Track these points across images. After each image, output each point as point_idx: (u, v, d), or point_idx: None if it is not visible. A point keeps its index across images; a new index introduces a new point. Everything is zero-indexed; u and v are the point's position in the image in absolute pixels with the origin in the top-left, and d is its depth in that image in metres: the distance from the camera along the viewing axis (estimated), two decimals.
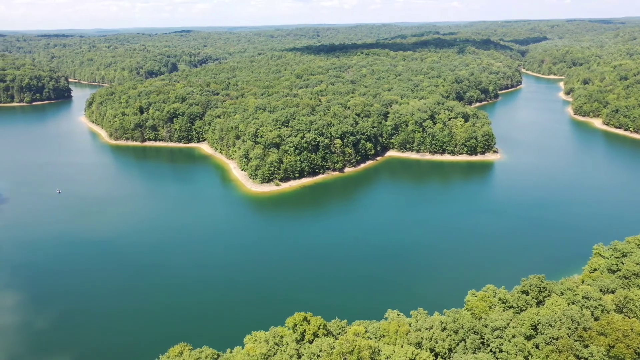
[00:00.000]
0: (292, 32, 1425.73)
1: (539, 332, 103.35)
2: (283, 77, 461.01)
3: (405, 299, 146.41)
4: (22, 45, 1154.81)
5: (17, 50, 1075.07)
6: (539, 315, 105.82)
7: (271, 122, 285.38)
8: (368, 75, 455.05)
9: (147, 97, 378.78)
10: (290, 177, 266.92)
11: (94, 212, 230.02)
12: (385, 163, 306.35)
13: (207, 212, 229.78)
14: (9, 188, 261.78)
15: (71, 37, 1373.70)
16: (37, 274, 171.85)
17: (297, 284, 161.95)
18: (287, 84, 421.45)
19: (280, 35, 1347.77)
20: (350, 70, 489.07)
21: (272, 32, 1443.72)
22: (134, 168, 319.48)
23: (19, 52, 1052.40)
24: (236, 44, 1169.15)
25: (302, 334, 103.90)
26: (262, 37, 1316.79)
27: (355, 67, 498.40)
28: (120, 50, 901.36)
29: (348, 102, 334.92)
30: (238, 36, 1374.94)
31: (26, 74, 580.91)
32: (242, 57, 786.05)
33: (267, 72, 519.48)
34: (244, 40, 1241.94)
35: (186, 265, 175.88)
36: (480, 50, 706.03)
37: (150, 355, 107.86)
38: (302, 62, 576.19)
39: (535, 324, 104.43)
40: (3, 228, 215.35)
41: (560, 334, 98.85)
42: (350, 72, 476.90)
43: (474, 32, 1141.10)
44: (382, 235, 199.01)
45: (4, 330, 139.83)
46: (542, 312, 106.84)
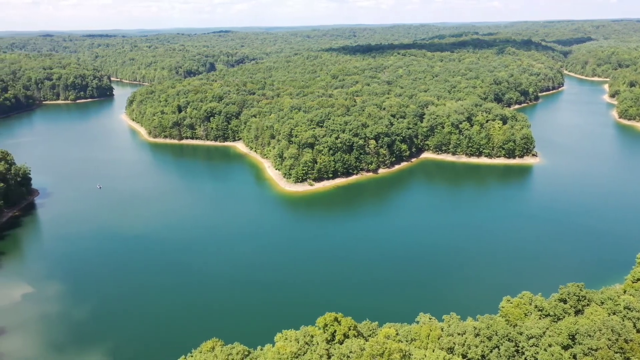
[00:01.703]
0: (328, 32, 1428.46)
1: (576, 342, 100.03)
2: (319, 78, 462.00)
3: (438, 303, 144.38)
4: (68, 45, 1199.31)
5: (63, 50, 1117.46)
6: (577, 325, 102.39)
7: (306, 122, 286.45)
8: (404, 75, 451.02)
9: (185, 96, 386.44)
10: (324, 177, 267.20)
11: (132, 207, 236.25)
12: (420, 165, 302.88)
13: (241, 211, 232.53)
14: (53, 183, 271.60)
15: (114, 37, 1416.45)
16: (77, 266, 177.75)
17: (329, 284, 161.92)
18: (322, 84, 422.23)
19: (317, 36, 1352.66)
20: (386, 70, 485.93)
21: (308, 33, 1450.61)
22: (171, 165, 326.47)
23: (65, 51, 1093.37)
24: (273, 44, 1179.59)
25: (332, 335, 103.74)
26: (299, 38, 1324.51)
27: (391, 67, 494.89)
28: (160, 50, 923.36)
29: (383, 102, 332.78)
30: (275, 36, 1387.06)
31: (71, 73, 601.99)
32: (279, 57, 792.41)
33: (302, 72, 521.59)
34: (281, 41, 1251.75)
35: (219, 262, 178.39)
36: (521, 51, 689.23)
37: (183, 349, 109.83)
38: (338, 62, 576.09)
39: (573, 333, 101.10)
40: (47, 222, 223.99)
41: (599, 345, 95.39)
42: (386, 73, 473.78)
43: (515, 33, 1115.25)
44: (415, 238, 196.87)
45: (47, 319, 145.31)
46: (581, 322, 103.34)
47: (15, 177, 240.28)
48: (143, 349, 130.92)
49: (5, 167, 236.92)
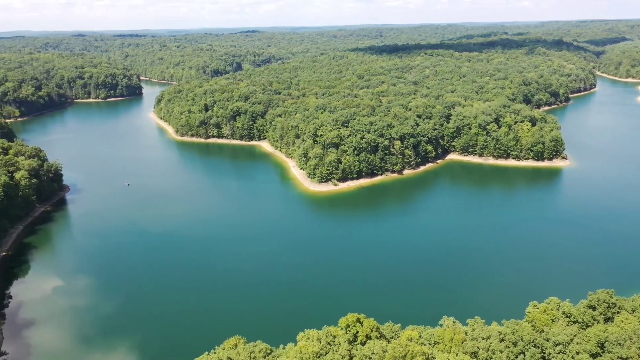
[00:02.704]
0: (354, 32, 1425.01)
1: (605, 350, 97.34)
2: (344, 78, 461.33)
3: (462, 306, 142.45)
4: (100, 44, 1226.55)
5: (94, 50, 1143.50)
6: (606, 333, 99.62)
7: (331, 122, 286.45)
8: (431, 76, 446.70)
9: (212, 96, 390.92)
10: (348, 178, 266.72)
11: (158, 205, 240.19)
12: (446, 166, 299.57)
13: (265, 209, 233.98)
14: (84, 179, 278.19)
15: (144, 37, 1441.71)
16: (105, 261, 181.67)
17: (351, 285, 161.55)
18: (348, 84, 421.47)
19: (343, 36, 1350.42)
20: (412, 71, 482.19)
21: (334, 33, 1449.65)
22: (198, 164, 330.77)
23: (97, 51, 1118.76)
24: (299, 44, 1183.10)
25: (354, 335, 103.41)
26: (325, 38, 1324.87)
27: (418, 67, 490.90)
28: (189, 49, 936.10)
29: (409, 103, 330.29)
30: (301, 36, 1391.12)
31: (102, 72, 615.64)
32: (305, 57, 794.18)
33: (328, 72, 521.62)
34: (307, 41, 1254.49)
35: (243, 261, 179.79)
36: (551, 52, 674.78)
37: (207, 345, 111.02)
38: (364, 62, 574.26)
39: (602, 341, 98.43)
40: (78, 217, 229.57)
41: (629, 354, 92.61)
42: (412, 73, 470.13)
43: (545, 33, 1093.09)
44: (439, 240, 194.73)
45: (75, 311, 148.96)
46: (611, 330, 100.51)
47: (47, 173, 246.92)
48: (168, 344, 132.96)
49: (38, 163, 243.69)
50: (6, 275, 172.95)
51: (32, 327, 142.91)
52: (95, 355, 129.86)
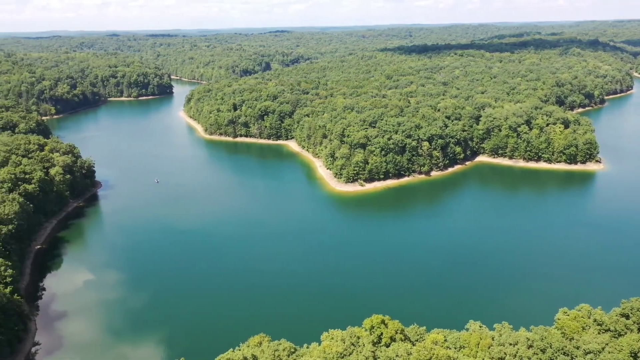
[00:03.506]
0: (384, 32, 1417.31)
1: None
2: (373, 78, 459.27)
3: (489, 311, 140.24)
4: (133, 44, 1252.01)
5: (127, 49, 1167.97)
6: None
7: (358, 122, 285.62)
8: (461, 76, 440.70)
9: (241, 95, 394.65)
10: (375, 178, 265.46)
11: (187, 202, 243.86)
12: (475, 168, 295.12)
13: (291, 209, 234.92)
14: (115, 176, 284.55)
15: (175, 37, 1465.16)
16: (134, 257, 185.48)
17: (376, 286, 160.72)
18: (376, 84, 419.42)
19: (372, 36, 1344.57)
20: (442, 71, 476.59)
21: (363, 32, 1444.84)
22: (225, 162, 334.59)
23: (130, 50, 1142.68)
24: (328, 44, 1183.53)
25: (379, 337, 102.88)
26: (354, 38, 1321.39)
27: (447, 68, 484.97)
28: (219, 49, 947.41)
29: (438, 104, 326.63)
30: (330, 36, 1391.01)
31: (134, 71, 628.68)
32: (333, 57, 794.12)
33: (357, 72, 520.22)
34: (336, 41, 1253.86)
35: (269, 259, 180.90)
36: (587, 52, 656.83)
37: (231, 342, 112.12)
38: (393, 62, 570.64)
39: (635, 351, 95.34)
40: (109, 213, 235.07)
41: None
42: (442, 74, 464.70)
43: (580, 32, 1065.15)
44: (467, 243, 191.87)
45: (105, 305, 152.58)
46: None
47: (80, 169, 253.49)
48: (193, 340, 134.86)
49: (72, 160, 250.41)
50: (40, 268, 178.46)
51: (64, 318, 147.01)
52: (124, 348, 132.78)
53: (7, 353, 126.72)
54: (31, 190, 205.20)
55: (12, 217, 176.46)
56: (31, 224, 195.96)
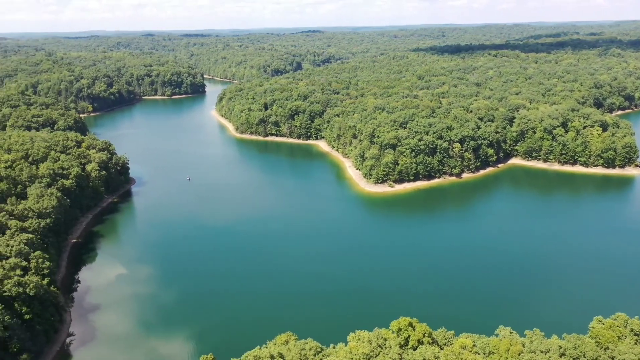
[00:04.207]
0: (416, 32, 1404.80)
1: None
2: (404, 78, 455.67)
3: (520, 317, 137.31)
4: (167, 44, 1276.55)
5: (162, 49, 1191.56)
6: None
7: (389, 122, 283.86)
8: (494, 77, 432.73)
9: (272, 95, 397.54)
10: (405, 179, 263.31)
11: (217, 199, 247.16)
12: (508, 171, 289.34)
13: (320, 208, 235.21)
14: (148, 173, 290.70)
15: (208, 37, 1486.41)
16: (165, 252, 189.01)
17: (404, 288, 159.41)
18: (407, 84, 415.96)
19: (404, 36, 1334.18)
20: (475, 72, 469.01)
21: (395, 32, 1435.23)
22: (256, 161, 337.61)
23: (164, 50, 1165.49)
24: (359, 44, 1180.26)
25: (406, 339, 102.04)
26: (386, 38, 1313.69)
27: (481, 68, 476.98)
28: (250, 49, 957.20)
29: (471, 105, 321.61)
30: (361, 36, 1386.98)
31: (168, 70, 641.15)
32: (364, 57, 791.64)
33: (388, 73, 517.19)
34: (367, 41, 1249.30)
35: (297, 258, 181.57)
36: (627, 52, 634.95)
37: (259, 339, 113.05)
38: (425, 62, 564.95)
39: None
40: (142, 209, 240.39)
41: None
42: (475, 74, 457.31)
43: (621, 32, 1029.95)
44: (499, 247, 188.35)
45: (137, 299, 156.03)
46: None
47: (115, 166, 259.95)
48: (222, 336, 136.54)
49: (108, 156, 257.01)
50: (76, 261, 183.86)
51: (97, 311, 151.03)
52: (155, 341, 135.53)
53: (43, 342, 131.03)
54: (68, 186, 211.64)
55: (50, 211, 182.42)
56: (68, 218, 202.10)
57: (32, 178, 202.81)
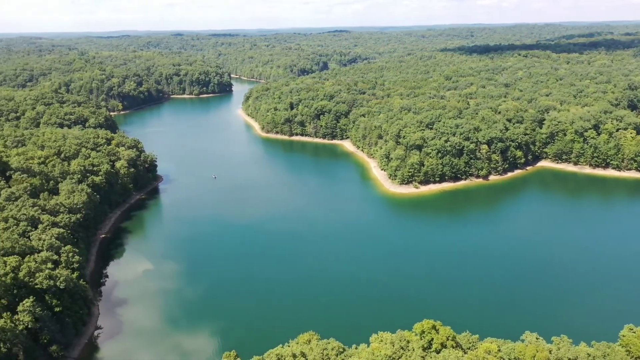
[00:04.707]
0: (444, 32, 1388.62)
1: None
2: (431, 78, 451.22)
3: (547, 322, 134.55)
4: (196, 43, 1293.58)
5: (191, 48, 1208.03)
6: None
7: (415, 123, 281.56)
8: (524, 78, 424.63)
9: (298, 94, 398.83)
10: (430, 181, 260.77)
11: (242, 197, 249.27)
12: (536, 174, 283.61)
13: (344, 208, 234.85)
14: (175, 170, 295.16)
15: (236, 37, 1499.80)
16: (191, 249, 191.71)
17: (428, 291, 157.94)
18: (434, 85, 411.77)
19: (432, 36, 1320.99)
20: (504, 72, 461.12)
21: (423, 33, 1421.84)
22: (281, 160, 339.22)
23: (193, 49, 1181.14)
24: (386, 44, 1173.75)
25: (429, 342, 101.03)
26: (413, 37, 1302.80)
27: (510, 69, 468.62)
28: (277, 49, 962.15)
29: (499, 106, 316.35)
30: (388, 36, 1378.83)
31: (196, 70, 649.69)
32: (391, 57, 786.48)
33: (415, 73, 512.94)
34: (394, 41, 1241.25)
35: (320, 258, 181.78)
36: None
37: (281, 338, 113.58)
38: (452, 63, 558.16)
39: None
40: (169, 206, 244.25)
41: None
42: (504, 75, 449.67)
43: None
44: (525, 251, 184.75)
45: (163, 294, 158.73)
46: None
47: (143, 163, 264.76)
48: (244, 333, 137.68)
49: (136, 154, 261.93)
50: (104, 256, 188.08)
51: (124, 305, 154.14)
52: (180, 336, 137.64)
53: (72, 334, 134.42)
54: (98, 182, 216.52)
55: (80, 207, 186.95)
56: (97, 214, 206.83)
57: (64, 174, 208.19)
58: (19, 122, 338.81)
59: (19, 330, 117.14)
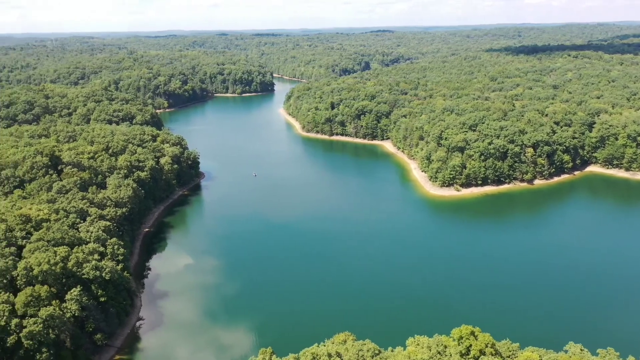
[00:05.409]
0: (490, 32, 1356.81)
1: None
2: (475, 79, 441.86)
3: (592, 334, 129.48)
4: (239, 43, 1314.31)
5: (235, 48, 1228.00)
6: None
7: (458, 124, 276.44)
8: (574, 80, 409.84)
9: (339, 94, 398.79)
10: (472, 184, 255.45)
11: (281, 196, 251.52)
12: (585, 179, 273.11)
13: (383, 209, 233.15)
14: (217, 167, 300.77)
15: (279, 36, 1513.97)
16: (230, 245, 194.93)
17: (467, 296, 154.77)
18: (479, 86, 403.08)
19: (477, 36, 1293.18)
20: (552, 73, 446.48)
21: (468, 32, 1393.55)
22: (321, 159, 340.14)
23: (236, 49, 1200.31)
24: (430, 44, 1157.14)
25: (467, 349, 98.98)
26: (458, 38, 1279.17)
27: (559, 70, 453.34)
28: (319, 49, 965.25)
29: (546, 108, 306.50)
30: (432, 36, 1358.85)
31: (240, 69, 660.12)
32: (435, 57, 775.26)
33: (458, 73, 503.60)
34: (438, 40, 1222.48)
35: (358, 258, 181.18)
36: None
37: (317, 337, 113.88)
38: (498, 63, 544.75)
39: None
40: (210, 202, 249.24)
41: None
42: (552, 76, 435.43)
43: None
44: (570, 259, 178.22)
45: (204, 289, 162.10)
46: None
47: (187, 160, 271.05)
48: (281, 330, 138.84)
49: (180, 151, 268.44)
50: (147, 250, 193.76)
51: (165, 298, 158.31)
52: (218, 330, 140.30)
53: (116, 324, 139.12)
54: (143, 177, 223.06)
55: (126, 201, 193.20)
56: (142, 208, 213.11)
57: (112, 169, 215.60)
58: (71, 118, 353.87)
59: (66, 317, 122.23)
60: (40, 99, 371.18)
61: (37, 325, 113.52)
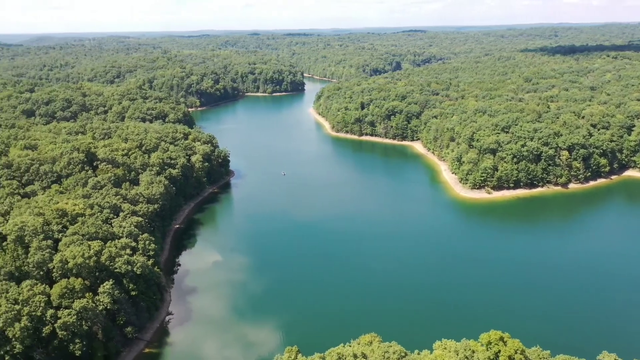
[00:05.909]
0: (525, 32, 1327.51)
1: None
2: (509, 80, 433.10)
3: (626, 343, 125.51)
4: (271, 43, 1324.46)
5: (266, 48, 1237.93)
6: None
7: (490, 126, 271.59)
8: (613, 81, 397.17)
9: (369, 94, 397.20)
10: (504, 187, 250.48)
11: (310, 196, 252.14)
12: (622, 184, 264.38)
13: (412, 211, 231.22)
14: (247, 166, 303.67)
15: (310, 36, 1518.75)
16: (258, 243, 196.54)
17: (496, 301, 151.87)
18: (512, 87, 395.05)
19: (512, 36, 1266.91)
20: (590, 74, 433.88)
21: (502, 32, 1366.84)
22: (350, 159, 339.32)
23: (268, 49, 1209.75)
24: (462, 44, 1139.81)
25: (496, 354, 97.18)
26: (492, 37, 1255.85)
27: (597, 71, 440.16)
28: (350, 48, 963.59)
29: (583, 110, 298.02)
30: (465, 36, 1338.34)
31: (270, 69, 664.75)
32: (467, 57, 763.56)
33: (491, 74, 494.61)
34: (471, 40, 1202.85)
35: (386, 259, 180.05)
36: None
37: (343, 337, 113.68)
38: (533, 64, 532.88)
39: None
40: (239, 200, 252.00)
41: None
42: (590, 77, 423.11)
43: None
44: (604, 265, 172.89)
45: (232, 286, 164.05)
46: None
47: (217, 158, 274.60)
48: (307, 329, 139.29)
49: (211, 149, 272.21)
50: (178, 246, 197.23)
51: (194, 293, 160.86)
52: (246, 327, 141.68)
53: (146, 318, 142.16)
54: (175, 175, 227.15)
55: (158, 198, 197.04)
56: (173, 205, 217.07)
57: (144, 166, 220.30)
58: (106, 116, 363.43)
59: (99, 310, 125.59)
60: (77, 97, 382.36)
61: (71, 317, 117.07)
